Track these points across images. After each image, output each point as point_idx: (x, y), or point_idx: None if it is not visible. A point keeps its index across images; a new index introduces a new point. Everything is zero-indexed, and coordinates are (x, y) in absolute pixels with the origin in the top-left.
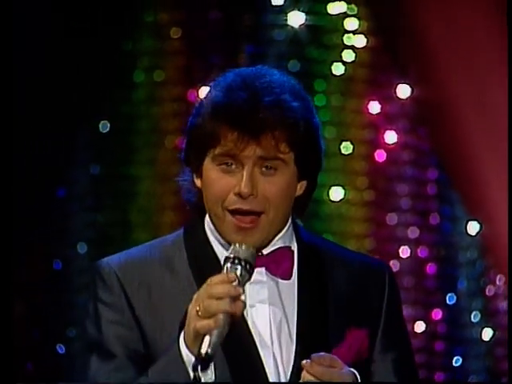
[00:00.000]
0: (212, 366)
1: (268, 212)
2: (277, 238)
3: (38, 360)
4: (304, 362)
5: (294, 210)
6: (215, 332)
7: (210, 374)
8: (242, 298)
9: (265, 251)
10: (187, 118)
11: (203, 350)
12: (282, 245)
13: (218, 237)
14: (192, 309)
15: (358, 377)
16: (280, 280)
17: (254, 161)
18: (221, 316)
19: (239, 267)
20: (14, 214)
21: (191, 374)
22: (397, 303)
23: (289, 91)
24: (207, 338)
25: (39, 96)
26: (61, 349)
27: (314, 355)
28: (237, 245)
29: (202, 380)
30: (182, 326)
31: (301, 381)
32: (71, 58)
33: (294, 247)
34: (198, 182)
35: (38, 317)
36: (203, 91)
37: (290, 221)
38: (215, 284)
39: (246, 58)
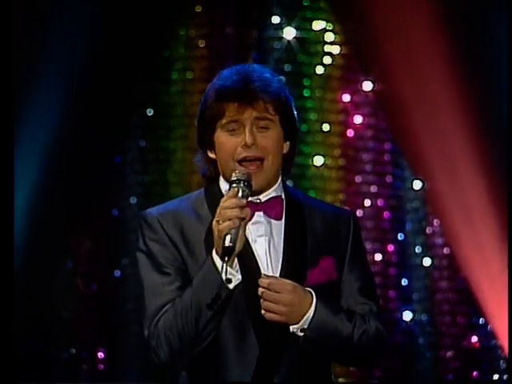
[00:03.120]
0: (239, 270)
1: (268, 158)
2: (271, 189)
3: (101, 281)
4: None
5: (283, 169)
6: (233, 231)
7: (237, 275)
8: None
9: (263, 199)
10: None
11: (226, 244)
12: (275, 194)
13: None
14: (214, 222)
15: (313, 294)
16: (273, 220)
17: (251, 121)
18: (235, 220)
19: (241, 184)
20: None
21: (221, 271)
22: (360, 239)
23: (269, 73)
24: (228, 236)
25: (104, 90)
26: (117, 273)
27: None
28: (237, 171)
29: (234, 281)
30: (207, 247)
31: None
32: (125, 63)
33: (283, 197)
34: (211, 155)
35: (101, 250)
36: None
37: (280, 177)
38: (226, 199)
39: (252, 62)
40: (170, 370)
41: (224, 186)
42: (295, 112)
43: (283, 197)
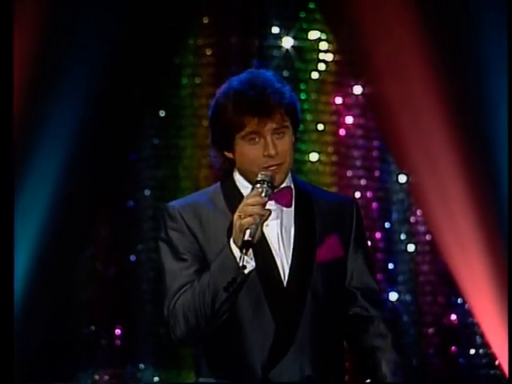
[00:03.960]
0: (253, 258)
1: (286, 160)
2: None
3: (117, 265)
4: None
5: None
6: (253, 226)
7: (251, 262)
8: (267, 206)
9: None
10: None
11: (246, 238)
12: (285, 185)
13: (244, 183)
14: (236, 216)
15: None
16: (284, 208)
17: (271, 132)
18: (256, 216)
19: (265, 185)
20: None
21: (239, 260)
22: (361, 224)
23: (278, 81)
24: (248, 231)
25: (121, 93)
26: (132, 258)
27: None
28: (262, 172)
29: (248, 267)
30: (229, 235)
31: None
32: (140, 69)
33: (292, 186)
34: (229, 155)
35: (118, 237)
36: None
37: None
38: (250, 197)
39: (254, 68)
40: (184, 345)
41: (239, 179)
42: (298, 108)
43: (292, 187)
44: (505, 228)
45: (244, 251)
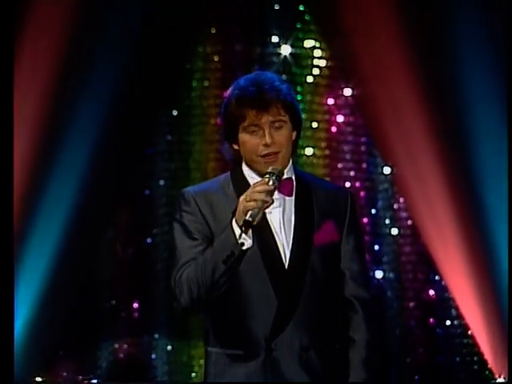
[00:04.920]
0: (251, 237)
1: (282, 151)
2: (284, 171)
3: (135, 247)
4: None
5: (291, 152)
6: (255, 209)
7: (249, 240)
8: (273, 195)
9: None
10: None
11: (246, 218)
12: (286, 176)
13: (251, 174)
14: (242, 198)
15: None
16: (286, 197)
17: (268, 124)
18: (259, 201)
19: (273, 177)
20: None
21: (238, 237)
22: (355, 212)
23: (278, 80)
24: (249, 212)
25: (139, 95)
26: (149, 240)
27: None
28: (272, 166)
29: (246, 245)
30: (232, 216)
31: None
32: (156, 74)
33: (293, 177)
34: (235, 147)
35: (136, 222)
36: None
37: (290, 161)
38: (258, 185)
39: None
40: (187, 314)
41: (246, 169)
42: (300, 109)
43: (293, 178)
44: (477, 213)
45: (243, 229)
